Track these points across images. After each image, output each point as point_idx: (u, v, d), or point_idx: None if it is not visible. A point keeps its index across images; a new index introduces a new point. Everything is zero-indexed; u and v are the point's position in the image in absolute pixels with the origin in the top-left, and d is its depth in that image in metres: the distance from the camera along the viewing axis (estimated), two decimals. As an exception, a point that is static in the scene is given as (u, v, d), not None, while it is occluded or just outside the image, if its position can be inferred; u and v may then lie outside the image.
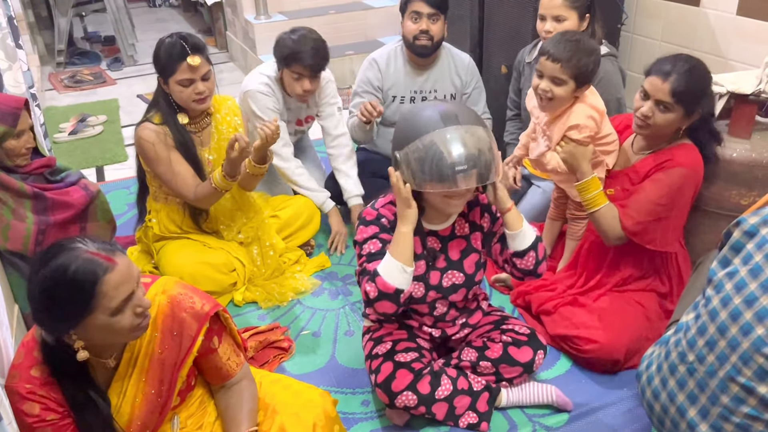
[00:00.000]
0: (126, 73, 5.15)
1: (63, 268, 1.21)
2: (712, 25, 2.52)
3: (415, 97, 2.70)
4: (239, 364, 1.54)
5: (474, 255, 1.79)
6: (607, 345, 1.92)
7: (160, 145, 2.17)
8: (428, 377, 1.72)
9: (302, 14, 4.79)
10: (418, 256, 1.73)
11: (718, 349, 1.33)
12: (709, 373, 1.35)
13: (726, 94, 2.14)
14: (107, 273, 1.23)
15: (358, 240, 1.70)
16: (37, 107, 3.08)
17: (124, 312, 1.27)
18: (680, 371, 1.42)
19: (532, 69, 2.52)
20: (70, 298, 1.22)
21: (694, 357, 1.38)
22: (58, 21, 5.16)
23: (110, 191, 3.19)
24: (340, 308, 2.33)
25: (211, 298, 1.48)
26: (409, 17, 2.57)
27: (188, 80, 2.12)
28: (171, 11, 7.36)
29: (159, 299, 1.41)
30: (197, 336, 1.42)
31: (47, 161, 2.18)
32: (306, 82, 2.49)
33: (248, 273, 2.41)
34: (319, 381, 1.99)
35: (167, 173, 2.20)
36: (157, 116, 2.21)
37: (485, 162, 1.51)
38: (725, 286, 1.34)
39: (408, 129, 1.57)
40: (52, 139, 3.79)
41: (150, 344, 1.40)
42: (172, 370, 1.41)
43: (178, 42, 2.11)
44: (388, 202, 1.74)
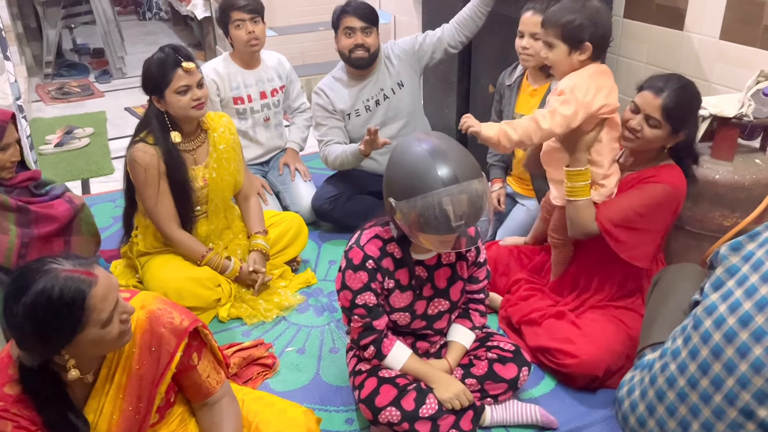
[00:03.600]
0: (114, 86, 5.14)
1: (47, 292, 1.20)
2: (696, 48, 2.57)
3: (369, 105, 2.80)
4: (220, 382, 1.53)
5: (460, 283, 1.81)
6: (587, 361, 1.92)
7: (152, 170, 2.18)
8: (413, 393, 1.71)
9: (292, 30, 4.82)
10: (405, 287, 1.74)
11: (712, 372, 1.30)
12: (703, 398, 1.32)
13: (709, 117, 2.17)
14: (92, 287, 1.23)
15: (349, 286, 1.70)
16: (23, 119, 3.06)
17: (113, 321, 1.27)
18: (670, 397, 1.39)
19: (512, 91, 2.55)
20: (60, 319, 1.21)
21: (686, 382, 1.35)
22: (47, 32, 5.15)
23: (96, 204, 3.17)
24: (325, 325, 2.32)
25: (190, 314, 1.48)
26: (342, 33, 2.68)
27: (185, 87, 2.14)
28: (161, 24, 7.37)
29: (138, 314, 1.40)
30: (176, 352, 1.41)
31: (32, 174, 2.17)
32: (247, 24, 2.77)
33: (233, 289, 2.40)
34: (303, 398, 1.97)
35: (151, 200, 2.22)
36: (150, 137, 2.20)
37: (480, 214, 1.56)
38: (718, 307, 1.32)
39: (405, 181, 1.55)
40: (38, 151, 3.76)
41: (128, 360, 1.39)
42: (150, 386, 1.40)
43: (170, 52, 2.14)
44: (374, 236, 1.73)
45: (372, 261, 1.70)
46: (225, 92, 2.89)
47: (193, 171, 2.28)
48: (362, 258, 1.70)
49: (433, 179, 1.51)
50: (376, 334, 1.74)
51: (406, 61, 2.82)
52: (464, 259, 1.81)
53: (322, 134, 2.81)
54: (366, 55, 2.69)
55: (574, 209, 1.96)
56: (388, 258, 1.72)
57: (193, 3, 5.45)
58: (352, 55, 2.69)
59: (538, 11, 2.30)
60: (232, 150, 2.39)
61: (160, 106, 2.19)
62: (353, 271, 1.70)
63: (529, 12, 2.34)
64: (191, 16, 5.64)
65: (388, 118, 2.82)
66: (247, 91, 2.92)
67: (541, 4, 2.31)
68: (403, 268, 1.73)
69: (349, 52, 2.69)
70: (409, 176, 1.54)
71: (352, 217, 2.70)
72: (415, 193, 1.52)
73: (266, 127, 3.03)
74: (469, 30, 2.74)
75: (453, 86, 3.16)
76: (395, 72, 2.81)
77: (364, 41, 2.66)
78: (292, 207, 2.92)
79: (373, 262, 1.70)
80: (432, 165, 1.52)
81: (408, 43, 2.83)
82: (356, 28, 2.65)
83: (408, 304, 1.76)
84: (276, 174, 3.05)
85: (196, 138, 2.30)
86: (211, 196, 2.35)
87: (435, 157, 1.53)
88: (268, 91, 2.96)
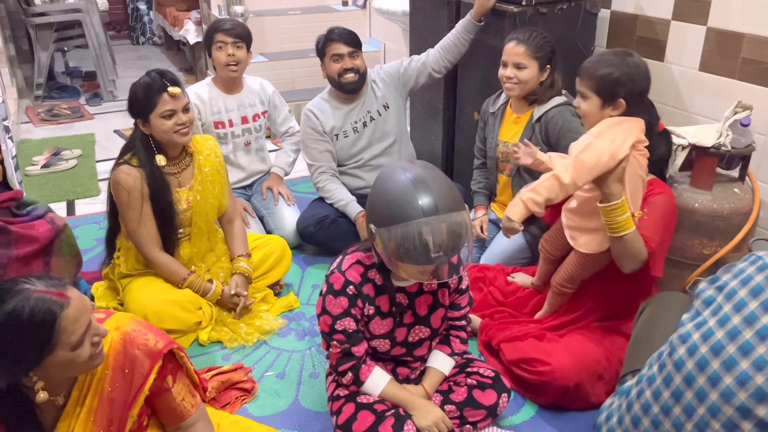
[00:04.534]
0: (104, 108, 5.15)
1: (17, 312, 1.18)
2: (676, 79, 2.61)
3: (356, 127, 2.85)
4: (195, 405, 1.51)
5: (441, 310, 1.81)
6: (559, 368, 1.90)
7: (135, 192, 2.18)
8: (391, 419, 1.70)
9: (282, 56, 4.87)
10: (386, 314, 1.74)
11: (684, 400, 1.31)
12: (675, 426, 1.32)
13: (688, 146, 2.21)
14: (64, 309, 1.22)
15: (329, 311, 1.70)
16: (9, 139, 3.06)
17: (83, 344, 1.25)
18: (644, 424, 1.39)
19: (496, 119, 2.58)
20: (29, 340, 1.19)
21: (659, 409, 1.36)
22: (38, 55, 5.17)
23: (80, 225, 3.16)
24: (306, 349, 2.31)
25: (165, 336, 1.46)
26: (330, 60, 2.73)
27: (170, 111, 2.15)
28: (153, 49, 7.42)
29: (112, 335, 1.39)
30: (149, 374, 1.39)
31: (14, 194, 2.16)
32: (228, 47, 2.82)
33: (215, 312, 2.38)
34: (281, 424, 1.95)
35: (133, 222, 2.22)
36: (134, 159, 2.21)
37: (460, 246, 1.55)
38: (692, 335, 1.33)
39: (386, 209, 1.55)
40: (24, 172, 3.76)
41: (100, 382, 1.37)
42: (122, 409, 1.38)
43: (156, 77, 2.16)
44: (355, 262, 1.73)
45: (353, 287, 1.69)
46: (206, 116, 2.91)
47: (177, 193, 2.28)
48: (343, 283, 1.69)
49: (414, 209, 1.50)
50: (354, 361, 1.72)
51: (392, 84, 2.87)
52: (446, 286, 1.80)
53: (312, 158, 2.84)
54: (356, 77, 2.74)
55: (623, 244, 1.85)
56: (369, 284, 1.71)
57: (185, 28, 5.50)
58: (342, 79, 2.73)
59: (521, 41, 2.35)
60: (217, 173, 2.40)
61: (145, 129, 2.20)
62: (333, 296, 1.69)
63: (512, 42, 2.38)
64: (183, 41, 5.70)
65: (374, 139, 2.87)
66: (228, 115, 2.93)
67: (524, 34, 2.36)
68: (384, 294, 1.73)
69: (339, 76, 2.73)
70: (389, 204, 1.54)
71: (337, 240, 2.70)
72: (395, 221, 1.52)
73: (247, 152, 3.04)
74: (452, 56, 2.78)
75: (439, 113, 3.20)
76: (381, 95, 2.86)
77: (353, 64, 2.72)
78: (276, 231, 2.92)
79: (354, 288, 1.69)
80: (413, 194, 1.52)
81: (393, 68, 2.89)
82: (344, 54, 2.70)
83: (388, 331, 1.75)
84: (260, 198, 3.05)
85: (181, 161, 2.31)
86: (194, 218, 2.35)
87: (417, 186, 1.53)
88: (249, 116, 2.98)
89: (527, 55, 2.34)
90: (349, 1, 5.33)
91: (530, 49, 2.34)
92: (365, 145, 2.86)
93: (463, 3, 2.85)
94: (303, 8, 5.22)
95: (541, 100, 2.42)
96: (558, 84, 2.42)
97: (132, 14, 7.58)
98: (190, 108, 2.24)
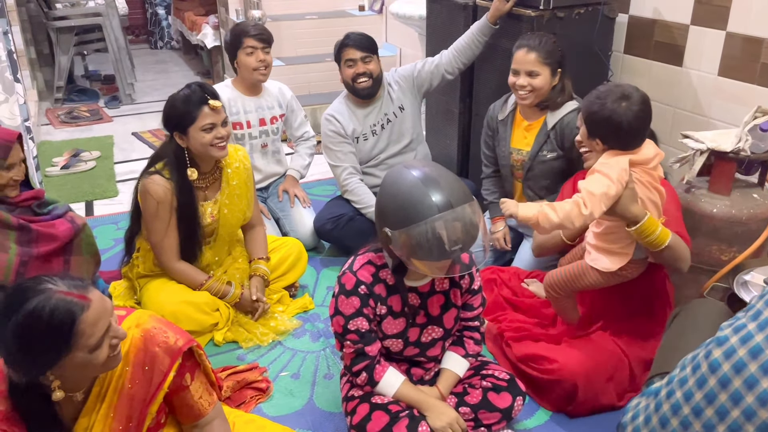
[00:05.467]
0: (123, 111, 5.21)
1: (38, 313, 1.19)
2: (695, 84, 2.60)
3: (375, 130, 2.88)
4: (212, 403, 1.52)
5: (453, 310, 1.81)
6: (566, 366, 1.89)
7: (165, 205, 2.18)
8: (406, 420, 1.70)
9: (299, 60, 4.90)
10: (398, 314, 1.74)
11: (717, 402, 1.29)
12: (706, 427, 1.30)
13: (706, 151, 2.19)
14: (84, 312, 1.22)
15: (341, 311, 1.71)
16: (30, 140, 3.11)
17: (102, 347, 1.26)
18: (673, 424, 1.38)
19: (506, 126, 2.56)
20: (48, 341, 1.20)
21: (690, 410, 1.34)
22: (59, 58, 5.25)
23: (98, 226, 3.19)
24: (321, 350, 2.32)
25: (185, 333, 1.47)
26: (344, 65, 2.77)
27: (210, 125, 2.14)
28: (171, 53, 7.50)
29: (132, 333, 1.40)
30: (169, 371, 1.40)
31: (36, 193, 2.20)
32: (259, 53, 2.83)
33: (232, 314, 2.40)
34: (296, 424, 1.96)
35: (158, 234, 2.22)
36: (167, 170, 2.20)
37: (476, 237, 1.57)
38: (730, 339, 1.32)
39: (400, 211, 1.55)
40: (44, 173, 3.81)
41: (120, 379, 1.38)
42: (142, 405, 1.39)
43: (197, 89, 2.15)
44: (366, 262, 1.74)
45: (364, 286, 1.70)
46: None
47: (202, 207, 2.28)
48: (355, 283, 1.70)
49: (428, 207, 1.52)
50: (368, 360, 1.73)
51: (406, 87, 2.91)
52: (458, 287, 1.81)
53: (336, 160, 2.85)
54: (370, 82, 2.76)
55: (671, 251, 1.82)
56: (380, 284, 1.72)
57: (203, 32, 5.56)
58: (356, 84, 2.76)
59: (532, 48, 2.33)
60: (245, 185, 2.40)
61: (182, 142, 2.18)
62: (345, 296, 1.70)
63: (523, 49, 2.35)
64: (201, 45, 5.75)
65: (391, 140, 2.91)
66: (246, 117, 2.95)
67: (534, 41, 2.35)
68: (395, 294, 1.74)
69: (353, 81, 2.76)
70: (403, 206, 1.55)
71: (354, 237, 2.73)
72: (410, 221, 1.53)
73: (263, 154, 3.06)
74: (466, 57, 2.80)
75: (454, 117, 3.20)
76: (396, 97, 2.90)
77: (366, 69, 2.75)
78: (292, 233, 2.93)
79: (366, 288, 1.70)
80: (425, 193, 1.53)
81: (407, 71, 2.93)
82: (356, 59, 2.74)
83: (401, 330, 1.76)
84: (276, 200, 3.07)
85: (211, 175, 2.31)
86: (219, 231, 2.36)
87: (427, 184, 1.54)
88: (267, 119, 3.00)
89: (539, 62, 2.32)
90: (366, 6, 5.36)
91: (541, 55, 2.32)
92: (383, 147, 2.89)
93: (480, 7, 2.86)
94: (320, 13, 5.25)
95: (554, 106, 2.41)
96: (568, 88, 2.41)
97: (150, 19, 7.67)
98: (229, 122, 2.23)
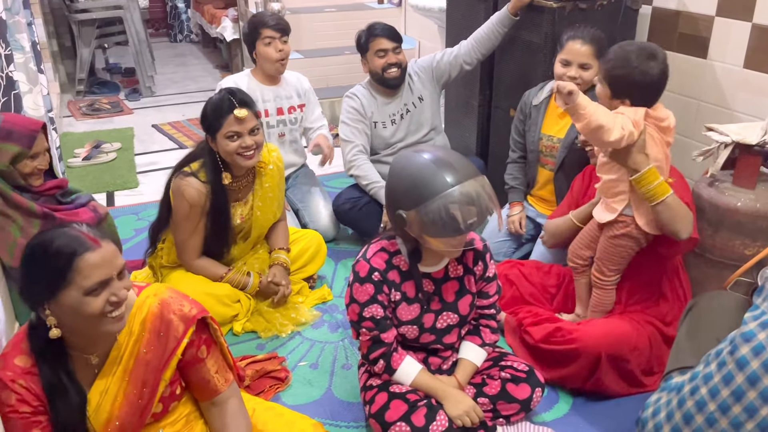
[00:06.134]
0: (143, 104, 5.26)
1: (49, 241, 1.29)
2: (719, 77, 2.56)
3: (394, 119, 2.89)
4: (228, 381, 1.55)
5: (468, 297, 1.81)
6: (589, 335, 1.93)
7: (196, 209, 2.20)
8: (424, 409, 1.70)
9: (318, 53, 4.91)
10: (412, 300, 1.75)
11: (746, 400, 1.26)
12: (734, 425, 1.28)
13: (731, 144, 2.16)
14: (87, 251, 1.29)
15: (356, 299, 1.73)
16: (53, 130, 3.15)
17: (98, 296, 1.30)
18: (698, 421, 1.36)
19: (540, 112, 2.55)
20: (47, 268, 1.28)
21: (716, 407, 1.32)
22: (80, 51, 5.30)
23: (119, 216, 3.22)
24: (339, 341, 2.32)
25: (200, 305, 1.51)
26: (374, 55, 2.77)
27: (235, 133, 2.14)
28: (191, 46, 7.54)
29: (150, 301, 1.45)
30: (183, 338, 1.44)
31: (60, 182, 2.22)
32: (277, 42, 2.84)
33: (252, 305, 2.41)
34: (314, 413, 1.97)
35: (185, 233, 2.24)
36: (203, 173, 2.21)
37: (490, 209, 1.60)
38: (757, 335, 1.28)
39: (414, 191, 1.58)
40: (66, 164, 3.85)
41: (136, 344, 1.43)
42: (156, 371, 1.43)
43: (226, 97, 2.15)
44: (380, 249, 1.76)
45: (378, 273, 1.71)
46: None
47: (233, 207, 2.29)
48: (368, 270, 1.72)
49: (441, 182, 1.55)
50: (384, 348, 1.74)
51: (426, 78, 2.91)
52: (472, 274, 1.81)
53: (349, 135, 2.84)
54: (399, 72, 2.79)
55: (668, 209, 1.85)
56: (394, 270, 1.74)
57: (222, 25, 5.58)
58: (386, 74, 2.77)
59: (587, 41, 2.30)
60: (277, 187, 2.41)
61: (213, 146, 2.20)
62: (360, 283, 1.72)
63: (578, 42, 2.31)
64: (220, 38, 5.78)
65: (410, 130, 2.91)
66: (264, 105, 2.96)
67: (587, 33, 2.32)
68: (409, 280, 1.75)
69: (383, 71, 2.77)
70: (415, 185, 1.58)
71: (370, 218, 2.77)
72: (423, 199, 1.56)
73: (281, 143, 3.05)
74: (485, 48, 2.79)
75: (474, 110, 3.18)
76: (416, 88, 2.90)
77: (397, 59, 2.77)
78: (311, 224, 2.94)
79: (379, 275, 1.71)
80: (436, 170, 1.57)
81: (427, 61, 2.93)
82: (388, 49, 2.75)
83: (416, 317, 1.76)
84: (295, 192, 3.08)
85: (245, 179, 2.32)
86: (251, 232, 2.39)
87: (437, 163, 1.58)
88: (285, 108, 3.01)
89: (592, 56, 2.30)
90: (385, -1, 5.36)
91: (595, 49, 2.30)
92: (402, 137, 2.90)
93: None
94: (339, 6, 5.25)
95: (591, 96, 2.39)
96: None
97: (170, 12, 7.73)
98: (259, 131, 2.21)
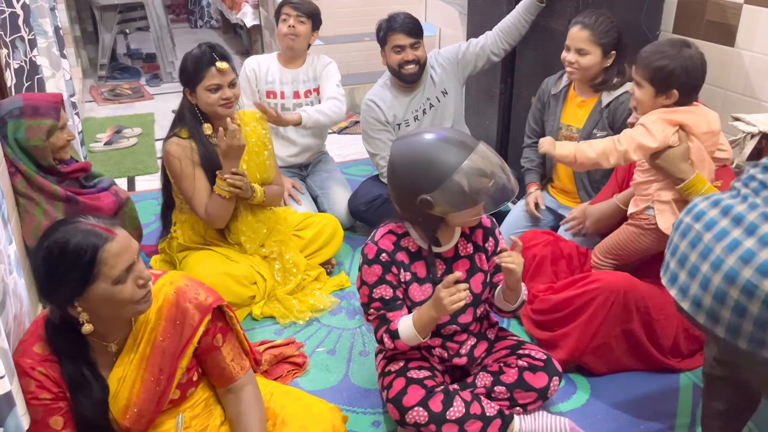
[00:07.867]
0: (163, 89, 5.29)
1: (64, 240, 1.28)
2: (747, 66, 2.51)
3: (417, 115, 2.83)
4: (244, 368, 1.56)
5: (480, 275, 1.80)
6: (605, 277, 1.99)
7: (186, 160, 2.22)
8: (441, 395, 1.70)
9: (338, 40, 4.89)
10: (423, 280, 1.75)
11: None
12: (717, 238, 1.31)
13: (758, 134, 2.12)
14: (107, 242, 1.30)
15: (365, 281, 1.74)
16: (76, 115, 3.17)
17: (126, 282, 1.32)
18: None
19: (558, 101, 2.52)
20: (72, 267, 1.27)
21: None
22: (102, 36, 5.34)
23: (140, 201, 3.24)
24: (357, 328, 2.33)
25: (216, 293, 1.52)
26: (391, 50, 2.70)
27: (216, 85, 2.18)
28: (211, 32, 7.55)
29: (166, 290, 1.46)
30: (198, 326, 1.45)
31: (84, 165, 2.25)
32: (291, 19, 2.87)
33: (269, 287, 2.43)
34: (331, 398, 1.97)
35: (188, 189, 2.25)
36: (184, 131, 2.26)
37: (498, 162, 1.64)
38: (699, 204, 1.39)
39: (430, 172, 1.58)
40: (88, 149, 3.89)
41: (153, 332, 1.44)
42: (172, 359, 1.44)
43: (206, 50, 2.19)
44: (388, 232, 1.76)
45: (386, 254, 1.72)
46: (260, 84, 2.97)
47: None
48: (376, 252, 1.73)
49: (454, 156, 1.57)
50: (387, 324, 1.73)
51: (450, 70, 2.84)
52: (483, 251, 1.81)
53: (376, 148, 2.82)
54: (416, 68, 2.71)
55: None
56: (402, 251, 1.74)
57: (243, 11, 5.58)
58: (403, 70, 2.71)
59: (586, 26, 2.29)
60: (263, 144, 2.43)
61: (192, 99, 2.24)
62: (368, 265, 1.73)
63: (577, 26, 2.32)
64: (240, 24, 5.78)
65: (434, 125, 2.87)
66: (281, 87, 2.96)
67: (590, 18, 2.30)
68: (419, 260, 1.75)
69: (399, 67, 2.70)
70: (430, 167, 1.58)
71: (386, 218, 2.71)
72: (446, 175, 1.56)
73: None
74: (512, 38, 2.75)
75: (495, 98, 3.16)
76: (439, 81, 2.83)
77: (415, 56, 2.69)
78: (329, 212, 2.94)
79: (387, 256, 1.72)
80: (443, 147, 1.59)
81: (452, 53, 2.85)
82: (405, 45, 2.66)
83: (428, 296, 1.75)
84: (315, 179, 3.09)
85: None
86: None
87: (440, 140, 1.61)
88: (302, 92, 3.00)
89: (590, 41, 2.28)
90: (406, -14, 5.30)
91: (594, 34, 2.28)
92: None
93: (524, -15, 2.80)
94: (359, -8, 5.21)
95: (610, 87, 2.37)
96: (627, 73, 2.34)
97: (191, -2, 7.73)
98: (237, 83, 2.26)
